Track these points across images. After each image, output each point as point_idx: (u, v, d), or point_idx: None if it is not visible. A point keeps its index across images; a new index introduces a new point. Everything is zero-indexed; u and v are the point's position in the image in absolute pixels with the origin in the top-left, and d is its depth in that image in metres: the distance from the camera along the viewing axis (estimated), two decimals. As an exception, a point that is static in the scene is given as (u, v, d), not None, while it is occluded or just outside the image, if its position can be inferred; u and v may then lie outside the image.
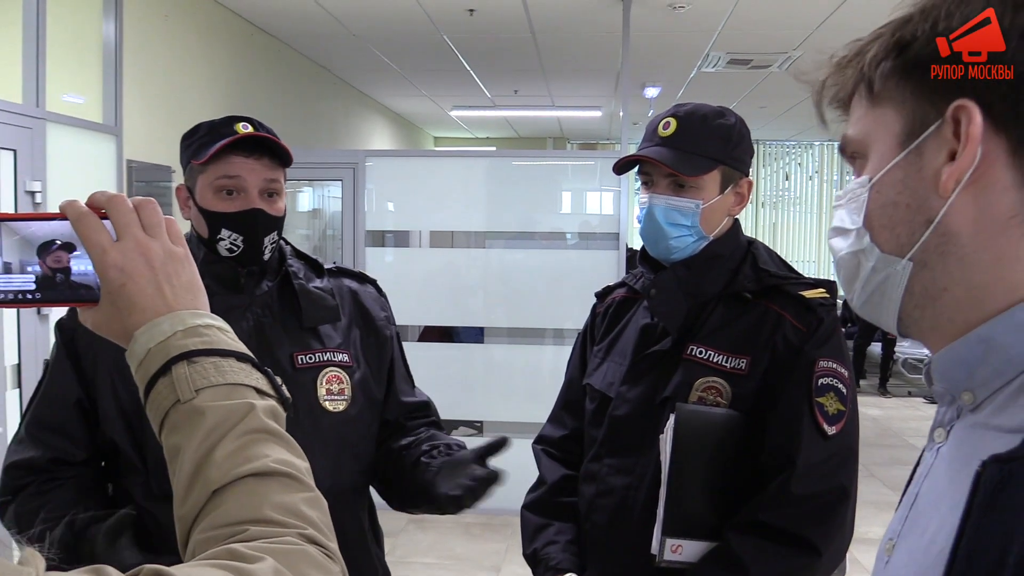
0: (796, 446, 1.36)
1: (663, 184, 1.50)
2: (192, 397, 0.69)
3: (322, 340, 1.54)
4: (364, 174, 5.08)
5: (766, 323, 1.45)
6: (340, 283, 1.64)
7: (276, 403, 0.74)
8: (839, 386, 1.41)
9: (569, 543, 1.58)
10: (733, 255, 1.53)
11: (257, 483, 0.66)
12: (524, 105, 9.50)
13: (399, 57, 7.07)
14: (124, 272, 0.72)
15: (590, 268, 4.92)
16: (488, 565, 4.27)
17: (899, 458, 6.55)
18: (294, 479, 0.68)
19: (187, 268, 0.76)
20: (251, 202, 1.44)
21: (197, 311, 0.74)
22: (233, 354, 0.73)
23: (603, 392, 1.58)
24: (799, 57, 6.65)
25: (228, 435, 0.68)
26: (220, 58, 5.41)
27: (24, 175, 3.55)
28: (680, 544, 1.38)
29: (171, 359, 0.70)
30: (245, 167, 1.44)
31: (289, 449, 0.71)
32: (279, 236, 1.51)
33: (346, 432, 1.53)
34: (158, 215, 0.75)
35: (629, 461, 1.51)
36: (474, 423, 5.49)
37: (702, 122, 1.49)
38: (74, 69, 4.20)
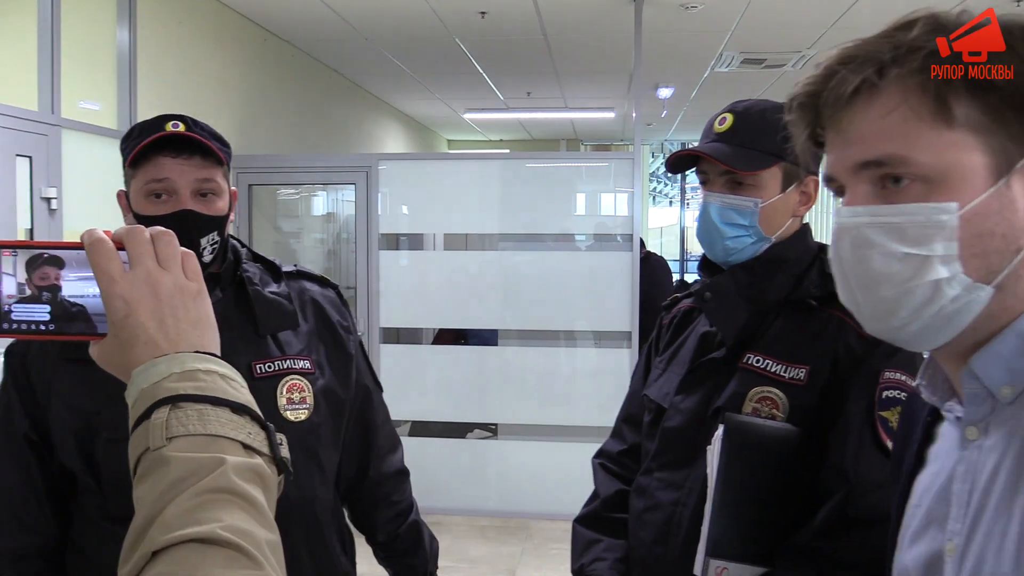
0: (855, 464, 1.24)
1: (719, 182, 1.42)
2: (162, 445, 0.64)
3: (282, 347, 1.48)
4: (377, 177, 5.09)
5: (828, 329, 1.34)
6: (301, 286, 1.59)
7: (266, 463, 0.68)
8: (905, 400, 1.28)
9: (617, 561, 1.51)
10: (800, 260, 1.43)
11: (196, 551, 0.58)
12: (537, 107, 9.49)
13: (411, 60, 7.08)
14: (128, 303, 0.69)
15: (604, 270, 4.90)
16: (503, 568, 4.26)
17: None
18: (243, 552, 0.60)
19: (198, 304, 0.73)
20: (182, 204, 1.38)
21: (202, 354, 0.70)
22: (228, 404, 0.67)
23: (658, 403, 1.51)
24: (813, 56, 6.61)
25: (186, 492, 0.61)
26: (233, 63, 5.44)
27: (40, 182, 3.58)
28: (725, 567, 1.28)
29: (155, 403, 0.66)
30: (174, 168, 1.38)
31: (254, 516, 0.63)
32: (220, 236, 1.44)
33: (309, 441, 1.48)
34: (174, 247, 0.73)
35: (679, 475, 1.43)
36: (488, 425, 5.49)
37: (760, 116, 1.40)
38: (89, 76, 4.23)
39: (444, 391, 5.12)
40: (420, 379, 5.12)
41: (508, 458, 5.12)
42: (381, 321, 5.06)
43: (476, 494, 5.11)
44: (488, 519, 4.98)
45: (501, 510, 4.96)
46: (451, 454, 5.22)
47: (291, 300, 1.53)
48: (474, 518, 4.99)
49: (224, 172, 1.45)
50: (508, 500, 4.97)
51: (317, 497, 1.50)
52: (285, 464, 0.71)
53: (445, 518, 4.99)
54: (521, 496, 5.01)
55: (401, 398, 4.84)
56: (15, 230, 3.44)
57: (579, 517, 1.65)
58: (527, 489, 5.02)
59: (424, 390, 5.11)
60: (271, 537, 0.64)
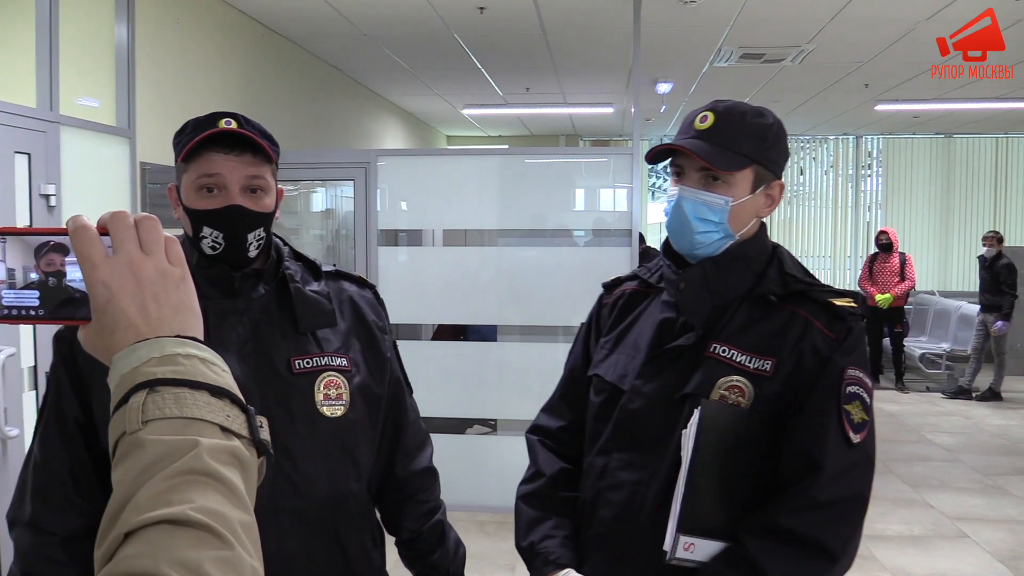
0: (823, 452, 1.36)
1: (695, 177, 1.48)
2: (138, 428, 0.64)
3: (320, 344, 1.52)
4: (376, 174, 5.09)
5: (793, 328, 1.44)
6: (339, 286, 1.62)
7: (244, 445, 0.68)
8: (864, 395, 1.41)
9: (567, 538, 1.56)
10: (759, 257, 1.52)
11: (167, 532, 0.59)
12: (536, 103, 9.48)
13: (410, 56, 7.07)
14: (110, 289, 0.70)
15: (604, 265, 4.90)
16: (503, 563, 4.27)
17: (917, 454, 6.50)
18: (213, 533, 0.60)
19: (181, 290, 0.73)
20: (231, 199, 1.42)
21: (183, 339, 0.70)
22: (206, 387, 0.67)
23: (614, 384, 1.55)
24: (812, 50, 6.61)
25: (160, 474, 0.62)
26: (232, 60, 5.43)
27: (38, 178, 3.57)
28: (693, 542, 1.37)
29: (134, 387, 0.66)
30: (225, 164, 1.41)
31: (227, 497, 0.63)
32: (266, 233, 1.48)
33: (345, 438, 1.51)
34: (157, 233, 0.73)
35: (641, 456, 1.48)
36: (488, 421, 5.49)
37: (740, 119, 1.47)
38: (87, 73, 4.22)
39: (443, 387, 5.12)
40: (419, 375, 5.07)
41: (507, 454, 5.11)
42: (381, 317, 5.05)
43: (476, 490, 5.11)
44: (488, 514, 4.99)
45: (501, 506, 4.96)
46: (450, 450, 5.22)
47: (330, 299, 1.56)
48: (474, 513, 5.00)
49: (272, 170, 1.49)
50: (508, 495, 4.92)
51: (352, 493, 1.53)
52: (265, 446, 0.70)
53: (445, 514, 5.00)
54: (521, 491, 5.00)
55: (401, 394, 4.82)
56: (14, 227, 3.43)
57: (522, 495, 1.69)
58: (527, 484, 5.01)
59: (423, 386, 5.05)
60: (245, 518, 0.64)
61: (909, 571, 4.29)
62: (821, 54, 6.74)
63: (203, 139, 1.40)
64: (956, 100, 8.69)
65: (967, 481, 5.82)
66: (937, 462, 6.30)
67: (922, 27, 5.87)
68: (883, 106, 9.05)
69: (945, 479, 5.85)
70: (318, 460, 1.47)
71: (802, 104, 9.21)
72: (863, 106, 9.25)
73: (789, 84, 8.03)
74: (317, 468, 1.47)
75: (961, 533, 4.82)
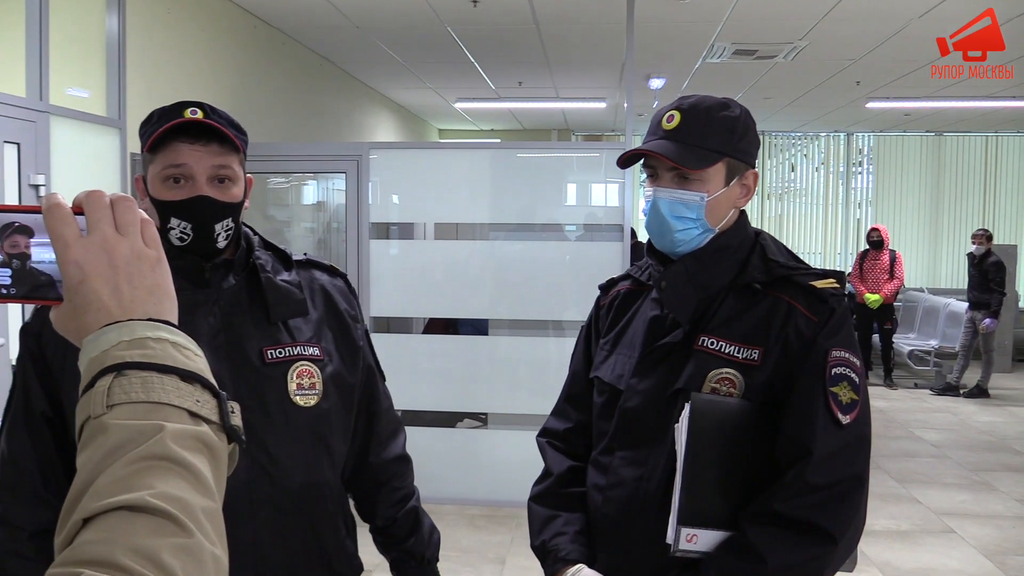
0: (812, 436, 1.36)
1: (667, 177, 1.49)
2: (102, 413, 0.63)
3: (292, 334, 1.51)
4: (368, 166, 5.07)
5: (777, 314, 1.45)
6: (311, 275, 1.61)
7: (213, 430, 0.67)
8: (852, 375, 1.41)
9: (578, 534, 1.58)
10: (741, 246, 1.53)
11: (124, 519, 0.58)
12: (528, 97, 9.48)
13: (403, 49, 7.05)
14: (82, 269, 0.68)
15: (595, 260, 4.91)
16: (493, 557, 4.27)
17: (906, 450, 6.53)
18: (172, 520, 0.59)
19: (156, 272, 0.72)
20: (198, 189, 1.40)
21: (154, 322, 0.69)
22: (176, 371, 0.66)
23: (612, 385, 1.57)
24: (805, 47, 6.62)
25: (122, 459, 0.61)
26: (223, 51, 5.40)
27: (28, 168, 3.55)
28: (695, 534, 1.39)
29: (101, 371, 0.65)
30: (192, 154, 1.40)
31: (191, 483, 0.62)
32: (235, 223, 1.46)
33: (318, 427, 1.51)
34: (133, 214, 0.72)
35: (641, 453, 1.50)
36: (479, 415, 5.50)
37: (706, 114, 1.49)
38: (77, 63, 4.20)
39: (434, 380, 5.12)
40: (410, 368, 5.12)
41: (498, 448, 5.13)
42: (371, 310, 5.05)
43: (466, 483, 5.12)
44: (478, 508, 4.99)
45: (491, 499, 4.97)
46: (441, 443, 5.23)
47: (301, 288, 1.55)
48: (464, 507, 5.00)
49: (240, 159, 1.46)
50: (498, 489, 4.98)
51: (326, 482, 1.53)
52: (236, 432, 0.69)
53: (435, 507, 4.98)
54: (511, 485, 5.00)
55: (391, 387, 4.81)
56: (3, 217, 3.41)
57: (533, 495, 1.71)
58: (517, 478, 5.00)
59: (414, 379, 5.10)
60: (208, 504, 0.62)
61: (896, 566, 4.32)
62: (813, 51, 6.75)
63: (169, 129, 1.39)
64: (947, 98, 8.72)
65: (954, 477, 5.85)
66: (925, 458, 6.33)
67: (915, 24, 5.89)
68: (874, 103, 9.08)
69: (932, 475, 5.89)
70: (292, 450, 1.47)
71: (794, 101, 9.23)
72: (854, 103, 9.27)
73: (781, 81, 8.04)
74: (291, 458, 1.47)
75: (948, 528, 4.85)
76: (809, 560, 1.35)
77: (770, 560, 1.33)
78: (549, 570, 1.58)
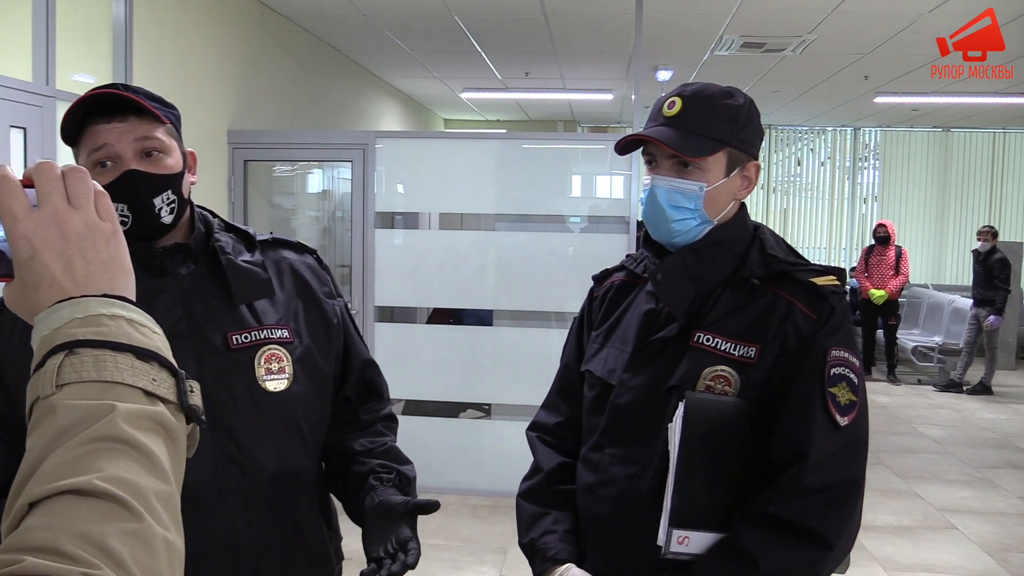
0: (808, 437, 1.33)
1: (666, 165, 1.45)
2: (52, 393, 0.61)
3: (258, 317, 1.45)
4: (374, 155, 5.07)
5: (776, 311, 1.41)
6: (278, 254, 1.55)
7: (170, 410, 0.65)
8: (851, 376, 1.37)
9: (567, 532, 1.54)
10: (740, 240, 1.49)
11: (70, 503, 0.56)
12: (535, 87, 9.44)
13: (410, 38, 7.03)
14: (32, 243, 0.65)
15: (600, 252, 4.90)
16: (495, 547, 4.28)
17: (908, 446, 6.53)
18: (121, 504, 0.57)
19: (110, 246, 0.69)
20: (125, 166, 1.33)
21: (110, 298, 0.66)
22: (131, 349, 0.64)
23: (604, 379, 1.53)
24: (814, 41, 6.59)
25: (71, 441, 0.59)
26: (230, 38, 5.39)
27: (34, 153, 3.55)
28: (687, 536, 1.35)
29: (52, 349, 0.62)
30: (111, 133, 1.33)
31: (143, 465, 0.60)
32: (176, 195, 1.37)
33: (290, 411, 1.45)
34: (86, 185, 0.69)
35: (632, 451, 1.46)
36: (482, 406, 5.50)
37: (709, 102, 1.44)
38: (84, 49, 4.19)
39: (438, 370, 5.12)
40: (414, 358, 5.12)
41: (501, 438, 5.13)
42: (376, 300, 5.05)
43: (469, 473, 5.13)
44: (480, 498, 5.00)
45: (493, 489, 4.98)
46: (444, 433, 5.24)
47: (265, 269, 1.50)
48: (467, 497, 5.01)
49: (169, 131, 1.39)
50: (500, 480, 4.98)
51: (300, 468, 1.48)
52: (196, 412, 0.67)
53: (438, 496, 5.00)
54: (513, 476, 4.99)
55: (395, 377, 4.82)
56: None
57: (522, 492, 1.67)
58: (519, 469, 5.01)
59: (418, 369, 5.11)
60: (161, 487, 0.60)
61: (897, 562, 4.32)
62: (822, 44, 6.72)
63: (85, 112, 1.33)
64: (956, 94, 8.68)
65: (957, 473, 5.85)
66: (927, 454, 6.33)
67: (924, 19, 5.85)
68: (882, 98, 9.04)
69: (935, 471, 5.88)
70: (263, 437, 1.41)
71: (802, 94, 9.19)
72: (862, 98, 9.23)
73: (789, 74, 8.01)
74: (262, 446, 1.41)
75: (950, 525, 4.85)
76: (803, 565, 1.32)
77: (763, 564, 1.29)
78: (537, 569, 1.54)
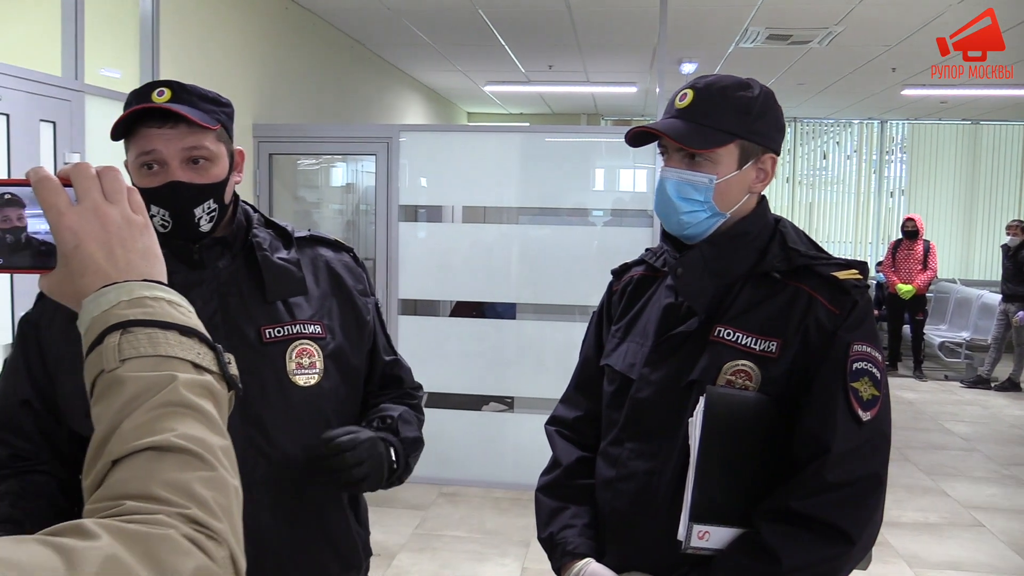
0: (830, 432, 1.32)
1: (676, 157, 1.45)
2: (116, 367, 0.68)
3: (292, 312, 1.47)
4: (398, 149, 5.08)
5: (797, 305, 1.39)
6: (315, 252, 1.57)
7: (215, 380, 0.72)
8: (873, 371, 1.36)
9: (586, 527, 1.54)
10: (761, 234, 1.47)
11: (153, 458, 0.64)
12: (558, 81, 9.42)
13: (434, 31, 7.04)
14: (77, 235, 0.72)
15: (623, 245, 4.88)
16: (518, 540, 4.29)
17: (934, 442, 6.47)
18: (196, 456, 0.65)
19: (145, 236, 0.76)
20: (171, 175, 1.35)
21: (149, 282, 0.73)
22: (175, 327, 0.71)
23: (624, 373, 1.53)
24: (840, 32, 6.52)
25: (142, 407, 0.66)
26: (255, 32, 5.42)
27: (63, 146, 3.60)
28: (707, 530, 1.34)
29: (107, 328, 0.69)
30: (160, 139, 1.35)
31: (206, 425, 0.68)
32: (217, 203, 1.40)
33: (320, 406, 1.47)
34: (120, 182, 0.76)
35: (652, 445, 1.46)
36: (505, 399, 5.51)
37: (720, 94, 1.42)
38: (111, 43, 4.23)
39: (461, 363, 5.14)
40: (437, 351, 5.14)
41: (524, 431, 5.14)
42: (399, 293, 5.07)
43: (492, 466, 5.14)
44: (503, 491, 5.01)
45: (516, 482, 4.99)
46: (467, 426, 5.25)
47: (300, 267, 1.52)
48: (490, 490, 5.02)
49: (218, 135, 1.40)
50: (523, 473, 4.97)
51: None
52: (234, 381, 0.74)
53: (461, 489, 5.04)
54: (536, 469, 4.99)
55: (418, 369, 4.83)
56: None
57: (541, 486, 1.67)
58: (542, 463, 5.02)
59: (441, 362, 5.12)
60: (223, 443, 0.69)
61: (923, 559, 4.28)
62: (849, 36, 6.65)
63: (136, 116, 1.35)
64: (986, 86, 8.56)
65: (984, 470, 5.79)
66: (954, 451, 6.27)
67: (954, 10, 5.77)
68: (910, 90, 8.92)
69: (962, 468, 5.82)
70: (291, 430, 1.43)
71: (828, 87, 9.09)
72: (890, 90, 9.12)
73: (815, 67, 7.93)
74: (290, 439, 1.43)
75: (976, 522, 4.80)
76: (824, 560, 1.31)
77: (785, 560, 1.29)
78: (556, 563, 1.54)
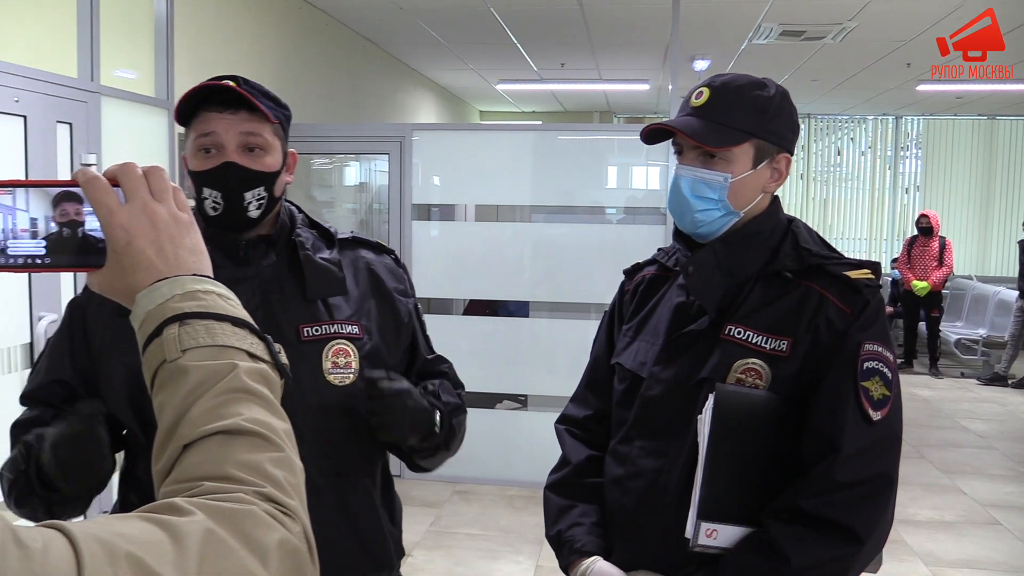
0: (840, 432, 1.31)
1: (691, 155, 1.45)
2: (178, 356, 0.71)
3: (331, 312, 1.50)
4: (411, 148, 5.09)
5: (809, 304, 1.40)
6: (356, 254, 1.61)
7: (269, 368, 0.75)
8: (884, 370, 1.35)
9: (594, 525, 1.54)
10: (773, 233, 1.47)
11: (224, 440, 0.67)
12: (571, 78, 9.42)
13: (446, 30, 7.05)
14: (129, 232, 0.75)
15: (636, 243, 4.88)
16: (531, 537, 4.30)
17: (950, 440, 6.43)
18: (264, 439, 0.68)
19: (192, 233, 0.79)
20: (226, 157, 1.39)
21: (199, 276, 0.76)
22: (228, 319, 0.74)
23: (634, 372, 1.53)
24: (854, 28, 6.48)
25: (207, 394, 0.69)
26: (268, 32, 5.45)
27: (80, 148, 3.63)
28: (715, 529, 1.34)
29: (164, 321, 0.72)
30: (220, 122, 1.39)
31: (268, 410, 0.72)
32: (268, 192, 1.44)
33: (353, 405, 1.48)
34: (165, 182, 0.78)
35: (661, 443, 1.46)
36: (518, 396, 5.52)
37: (736, 93, 1.43)
38: (126, 45, 4.26)
39: (474, 362, 5.14)
40: (450, 349, 5.08)
41: (537, 430, 5.13)
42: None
43: (505, 464, 5.15)
44: (517, 489, 5.02)
45: (530, 481, 4.99)
46: (481, 424, 5.24)
47: (341, 267, 1.55)
48: (503, 488, 5.03)
49: (275, 130, 1.45)
50: (537, 471, 4.94)
51: (361, 461, 1.53)
52: (285, 369, 0.77)
53: (475, 487, 5.05)
54: (549, 468, 5.02)
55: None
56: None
57: (550, 484, 1.67)
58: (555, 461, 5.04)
59: (454, 360, 5.07)
60: (286, 426, 0.72)
61: (939, 557, 4.26)
62: (863, 32, 6.61)
63: (200, 99, 1.39)
64: (1003, 80, 8.49)
65: (1000, 468, 5.75)
66: (970, 448, 6.23)
67: (971, 4, 5.73)
68: (925, 86, 8.87)
69: (978, 465, 5.78)
70: (324, 429, 1.44)
71: (842, 83, 9.05)
72: (904, 86, 9.07)
73: (829, 63, 7.89)
74: (323, 437, 1.44)
75: (993, 520, 4.77)
76: (834, 560, 1.30)
77: (793, 559, 1.28)
78: (564, 561, 1.54)
